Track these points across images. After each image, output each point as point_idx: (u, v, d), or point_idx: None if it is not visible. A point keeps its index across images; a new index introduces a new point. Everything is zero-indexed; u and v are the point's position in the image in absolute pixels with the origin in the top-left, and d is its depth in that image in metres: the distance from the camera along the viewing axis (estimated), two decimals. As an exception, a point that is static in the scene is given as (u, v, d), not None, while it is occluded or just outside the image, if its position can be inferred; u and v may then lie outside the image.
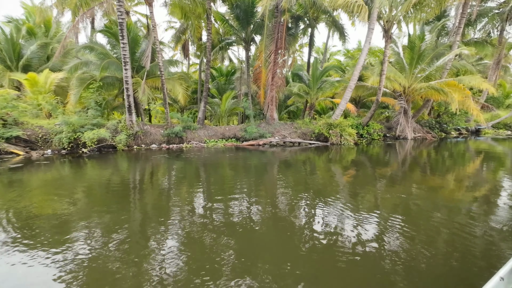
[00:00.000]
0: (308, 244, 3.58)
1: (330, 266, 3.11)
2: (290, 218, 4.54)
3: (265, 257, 3.29)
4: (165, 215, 4.62)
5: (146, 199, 5.61)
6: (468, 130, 21.51)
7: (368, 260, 3.20)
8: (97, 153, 11.22)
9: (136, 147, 12.79)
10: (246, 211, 4.83)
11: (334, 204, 5.18)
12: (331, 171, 8.70)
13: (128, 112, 12.18)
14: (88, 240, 3.67)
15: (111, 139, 11.91)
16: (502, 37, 20.32)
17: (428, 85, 15.51)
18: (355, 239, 3.69)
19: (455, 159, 10.87)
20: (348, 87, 14.07)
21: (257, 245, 3.61)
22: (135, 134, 12.80)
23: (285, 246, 3.55)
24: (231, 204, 5.13)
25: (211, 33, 14.35)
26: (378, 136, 17.03)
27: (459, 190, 6.45)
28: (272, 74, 13.59)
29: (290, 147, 13.56)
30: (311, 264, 3.14)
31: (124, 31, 11.01)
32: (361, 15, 11.13)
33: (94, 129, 11.37)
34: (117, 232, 3.93)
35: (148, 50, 12.98)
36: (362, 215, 4.56)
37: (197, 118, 14.94)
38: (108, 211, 4.78)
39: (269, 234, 3.93)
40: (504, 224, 4.30)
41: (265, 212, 4.80)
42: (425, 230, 4.07)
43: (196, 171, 8.41)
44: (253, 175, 7.91)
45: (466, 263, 3.20)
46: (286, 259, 3.19)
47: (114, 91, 16.01)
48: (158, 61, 12.74)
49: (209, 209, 4.95)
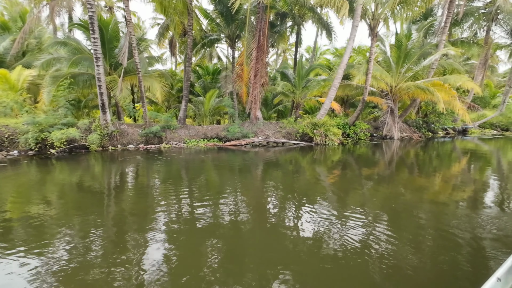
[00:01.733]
0: (294, 245, 3.52)
1: (318, 267, 3.07)
2: (272, 221, 4.36)
3: (250, 260, 3.24)
4: (133, 224, 4.17)
5: (110, 204, 5.10)
6: (455, 129, 21.50)
7: (355, 260, 3.17)
8: (67, 154, 10.58)
9: (111, 147, 12.17)
10: (226, 215, 4.55)
11: (317, 206, 5.01)
12: (312, 173, 8.31)
13: (102, 111, 11.56)
14: (52, 249, 3.23)
15: (83, 139, 11.29)
16: (488, 37, 20.37)
17: (414, 85, 15.31)
18: (341, 240, 3.64)
19: (439, 160, 10.64)
20: (332, 86, 13.74)
21: (242, 248, 3.53)
22: (110, 134, 12.18)
23: (270, 249, 3.48)
24: (208, 209, 4.72)
25: (192, 29, 13.82)
26: (364, 136, 16.78)
27: (444, 191, 6.16)
28: (254, 72, 13.14)
29: (273, 147, 13.16)
30: (299, 265, 3.10)
31: (95, 25, 10.40)
32: (341, 11, 10.80)
33: (64, 128, 10.72)
34: (87, 242, 3.54)
35: (124, 47, 12.38)
36: (345, 217, 4.50)
37: (178, 117, 14.37)
38: (68, 218, 4.25)
39: (253, 237, 3.83)
40: (493, 224, 4.27)
41: (246, 216, 4.56)
42: (411, 230, 4.07)
43: (168, 173, 7.91)
44: (230, 178, 7.46)
45: (456, 264, 3.15)
46: (272, 262, 3.15)
47: (92, 89, 15.33)
48: (135, 57, 12.13)
49: (184, 213, 4.61)
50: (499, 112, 22.52)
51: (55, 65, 13.58)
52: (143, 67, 13.49)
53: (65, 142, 10.69)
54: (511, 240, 3.73)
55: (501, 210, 4.98)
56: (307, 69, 15.78)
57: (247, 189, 6.23)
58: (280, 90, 14.83)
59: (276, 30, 16.64)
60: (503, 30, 21.05)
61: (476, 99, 26.00)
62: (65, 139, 10.45)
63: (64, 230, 3.97)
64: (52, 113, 11.67)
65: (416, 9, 19.82)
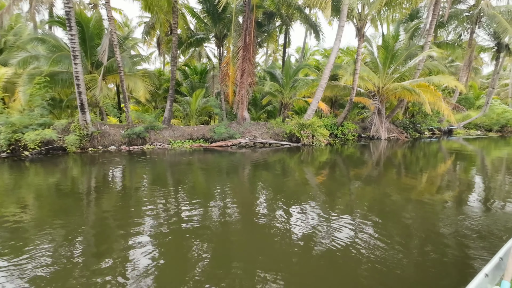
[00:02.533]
0: (282, 248, 3.47)
1: (306, 268, 3.04)
2: (260, 223, 4.24)
3: (238, 263, 3.15)
4: (110, 230, 3.83)
5: (81, 209, 4.76)
6: (440, 130, 21.87)
7: (343, 261, 3.17)
8: (42, 156, 10.08)
9: (91, 149, 11.70)
10: (209, 220, 4.38)
11: (304, 208, 4.95)
12: (299, 174, 8.15)
13: (81, 111, 11.10)
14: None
15: (60, 140, 10.80)
16: (471, 39, 20.80)
17: (401, 85, 15.43)
18: (329, 242, 3.61)
19: (424, 160, 10.68)
20: (319, 86, 13.67)
21: (229, 252, 3.43)
22: (90, 135, 11.72)
23: (258, 252, 3.40)
24: (191, 214, 4.49)
25: (177, 27, 13.50)
26: (352, 136, 16.81)
27: (430, 191, 6.09)
28: (241, 71, 12.93)
29: (260, 148, 12.97)
30: (288, 267, 3.06)
31: (72, 21, 9.96)
32: (326, 11, 10.73)
33: (39, 129, 10.22)
34: (61, 250, 3.20)
35: (104, 44, 11.95)
36: (333, 218, 4.47)
37: (163, 118, 14.00)
38: (37, 224, 3.91)
39: (240, 240, 3.75)
40: (478, 222, 4.31)
41: (233, 220, 4.42)
42: (398, 230, 4.08)
43: (147, 176, 7.58)
44: (214, 180, 7.21)
45: (442, 262, 3.17)
46: (260, 265, 3.09)
47: (73, 88, 14.79)
48: (116, 56, 11.72)
49: (165, 217, 4.41)
50: (483, 113, 23.06)
51: (33, 63, 13.00)
52: (126, 66, 13.07)
53: (41, 144, 10.19)
54: (497, 237, 3.77)
55: (486, 209, 5.03)
56: (295, 69, 15.68)
57: (232, 192, 6.00)
58: (268, 90, 14.66)
59: (264, 30, 16.50)
60: (486, 33, 21.56)
61: (461, 100, 26.57)
62: (40, 140, 9.95)
63: (35, 237, 3.66)
64: (28, 113, 11.14)
65: (403, 11, 20.12)
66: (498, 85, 32.30)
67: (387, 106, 21.00)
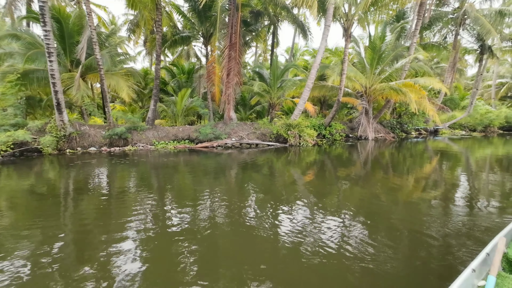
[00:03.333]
0: (271, 250, 3.45)
1: (295, 270, 3.02)
2: (247, 226, 4.15)
3: (227, 267, 3.10)
4: (80, 236, 3.51)
5: (50, 214, 4.41)
6: (427, 130, 22.19)
7: (332, 261, 3.16)
8: (14, 159, 9.55)
9: (69, 150, 11.21)
10: (193, 222, 4.22)
11: (292, 209, 4.91)
12: (284, 176, 7.96)
13: (58, 111, 10.60)
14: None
15: (35, 142, 10.28)
16: (456, 41, 21.19)
17: (387, 86, 15.51)
18: (318, 242, 3.60)
19: (410, 160, 10.70)
20: (306, 86, 13.56)
21: (217, 256, 3.36)
22: (68, 135, 11.23)
23: (246, 254, 3.38)
24: (172, 219, 4.16)
25: (161, 25, 13.11)
26: (340, 136, 16.80)
27: (415, 190, 6.02)
28: (227, 70, 12.68)
29: (247, 149, 12.74)
30: (277, 270, 3.03)
31: (46, 16, 9.47)
32: (312, 9, 10.61)
33: (11, 130, 9.68)
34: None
35: (83, 41, 11.49)
36: (320, 219, 4.47)
37: (146, 118, 13.59)
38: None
39: (228, 244, 3.68)
40: (463, 220, 4.36)
41: (218, 224, 4.23)
42: (385, 229, 4.09)
43: (122, 179, 7.24)
44: (195, 183, 6.93)
45: (429, 260, 3.21)
46: (250, 268, 3.05)
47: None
48: (95, 53, 11.27)
49: (144, 222, 4.16)
50: (467, 113, 23.54)
51: (7, 60, 12.40)
52: (107, 64, 12.59)
53: (13, 146, 9.65)
54: (481, 234, 3.85)
55: (470, 207, 5.09)
56: (282, 69, 15.54)
57: (214, 196, 5.75)
58: (256, 90, 14.45)
59: (251, 29, 16.29)
60: (470, 35, 22.02)
61: (447, 101, 27.09)
62: (11, 142, 9.43)
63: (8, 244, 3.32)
64: (0, 112, 10.57)
65: (390, 12, 20.28)
66: (482, 86, 33.14)
67: (375, 107, 21.15)
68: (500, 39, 20.53)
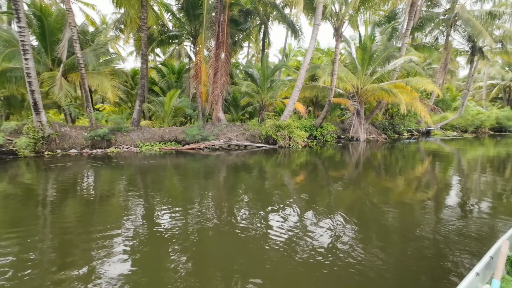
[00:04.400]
0: (259, 255, 3.32)
1: (286, 273, 2.97)
2: (236, 229, 4.05)
3: (217, 270, 3.04)
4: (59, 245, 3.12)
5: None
6: (419, 131, 22.14)
7: (323, 263, 3.10)
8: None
9: (48, 153, 10.72)
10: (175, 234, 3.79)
11: (280, 212, 4.77)
12: (270, 179, 7.64)
13: (35, 111, 10.11)
14: None
15: (11, 144, 9.79)
16: (447, 42, 21.21)
17: (378, 86, 15.36)
18: (308, 245, 3.53)
19: (400, 162, 10.49)
20: (295, 86, 13.29)
21: (207, 259, 3.29)
22: (47, 137, 10.74)
23: (237, 257, 3.30)
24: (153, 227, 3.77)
25: (146, 23, 12.73)
26: (331, 138, 16.58)
27: (406, 193, 5.75)
28: (214, 70, 12.35)
29: (235, 151, 12.41)
30: (267, 272, 2.97)
31: (20, 12, 9.02)
32: (298, 6, 10.36)
33: (-17, 131, 9.19)
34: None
35: (64, 39, 11.05)
36: (310, 221, 4.38)
37: (132, 119, 13.16)
38: None
39: (218, 247, 3.57)
40: (456, 224, 4.23)
41: (202, 228, 4.02)
42: (377, 232, 4.01)
43: (96, 183, 6.84)
44: (176, 188, 6.55)
45: (422, 263, 3.14)
46: (239, 271, 2.99)
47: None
48: (76, 52, 10.82)
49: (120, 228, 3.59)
50: (459, 114, 23.59)
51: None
52: (90, 63, 12.12)
53: (-15, 148, 9.16)
54: (474, 238, 3.75)
55: (462, 210, 4.96)
56: (272, 68, 15.26)
57: (197, 202, 5.40)
58: (245, 90, 14.12)
59: (241, 28, 15.98)
60: (461, 36, 22.08)
61: (439, 102, 27.16)
62: (-17, 144, 8.94)
63: None
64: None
65: (381, 12, 20.18)
66: (473, 88, 33.38)
67: (367, 108, 21.03)
68: (491, 41, 20.60)
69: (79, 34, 14.17)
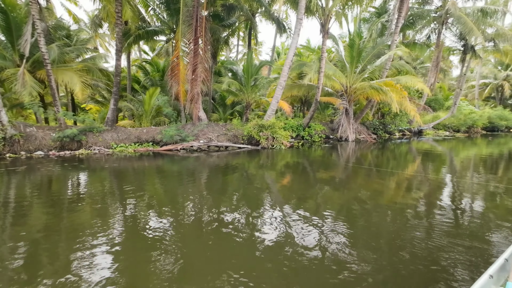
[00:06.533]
0: (249, 257, 3.20)
1: (275, 276, 2.83)
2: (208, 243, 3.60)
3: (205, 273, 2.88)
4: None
5: None
6: (411, 131, 21.69)
7: (311, 266, 2.98)
8: None
9: (9, 155, 9.95)
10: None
11: (262, 216, 4.46)
12: (245, 181, 6.98)
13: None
14: None
15: (-35, 145, 9.01)
16: (439, 40, 20.78)
17: (368, 85, 14.81)
18: (296, 248, 3.37)
19: (384, 164, 9.90)
20: (278, 84, 12.65)
21: (193, 264, 3.08)
22: (10, 138, 9.97)
23: (224, 261, 3.14)
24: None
25: (120, 16, 11.96)
26: (319, 138, 16.00)
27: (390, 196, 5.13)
28: (192, 67, 11.66)
29: (216, 152, 11.74)
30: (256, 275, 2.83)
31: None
32: (279, 0, 9.75)
33: None
34: None
35: (28, 33, 10.27)
36: (295, 224, 4.16)
37: (106, 118, 12.41)
38: None
39: (204, 253, 3.34)
40: (448, 226, 4.09)
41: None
42: (366, 236, 3.84)
43: (47, 189, 6.11)
44: (137, 196, 5.85)
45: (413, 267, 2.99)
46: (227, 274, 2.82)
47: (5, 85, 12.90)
48: (40, 46, 10.06)
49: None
50: (451, 113, 23.21)
51: None
52: (54, 57, 11.33)
53: None
54: (465, 238, 3.65)
55: (455, 212, 4.78)
56: (257, 66, 14.62)
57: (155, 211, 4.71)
58: (226, 88, 13.45)
59: (225, 24, 15.30)
60: (452, 34, 21.68)
61: (432, 101, 26.80)
62: None
63: None
64: None
65: (372, 10, 19.63)
66: (466, 87, 33.14)
67: (357, 107, 20.51)
68: (483, 39, 20.22)
69: (50, 29, 13.45)
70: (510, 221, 4.31)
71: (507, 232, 3.87)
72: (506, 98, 32.76)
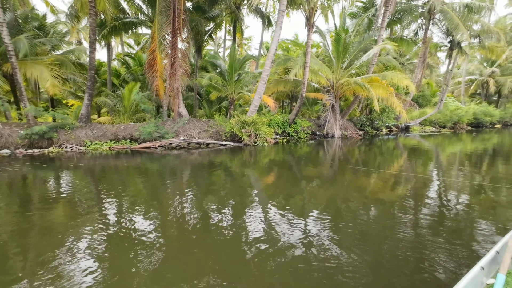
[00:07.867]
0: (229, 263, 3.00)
1: (264, 278, 2.71)
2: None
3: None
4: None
5: None
6: (398, 127, 21.70)
7: (299, 267, 2.87)
8: None
9: (-29, 154, 9.29)
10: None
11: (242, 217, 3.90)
12: (217, 185, 6.61)
13: (-50, 106, 8.66)
14: None
15: None
16: (426, 36, 20.73)
17: (353, 81, 14.57)
18: (283, 249, 3.24)
19: (370, 161, 9.70)
20: (260, 79, 12.28)
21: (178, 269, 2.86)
22: (-28, 136, 9.30)
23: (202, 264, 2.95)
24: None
25: (94, 6, 11.29)
26: (305, 134, 15.74)
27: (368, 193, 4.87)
28: (171, 60, 11.14)
29: (196, 149, 11.31)
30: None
31: None
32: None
33: None
34: None
35: (-11, 22, 9.53)
36: (279, 224, 3.99)
37: (79, 115, 11.78)
38: None
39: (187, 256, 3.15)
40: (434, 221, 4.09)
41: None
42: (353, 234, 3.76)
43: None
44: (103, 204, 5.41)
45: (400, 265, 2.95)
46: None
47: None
48: (3, 37, 9.35)
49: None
50: (437, 110, 23.34)
51: None
52: (23, 50, 10.57)
53: None
54: (455, 235, 3.64)
55: (442, 207, 4.77)
56: (241, 60, 14.16)
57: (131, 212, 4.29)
58: (207, 83, 12.98)
59: (208, 16, 14.74)
60: (439, 30, 21.67)
61: (419, 97, 26.92)
62: None
63: None
64: None
65: (360, 4, 19.33)
66: (452, 83, 33.49)
67: (345, 103, 20.35)
68: (469, 35, 20.27)
69: (19, 18, 12.64)
70: (495, 215, 4.34)
71: (494, 226, 3.90)
72: (491, 94, 33.29)
